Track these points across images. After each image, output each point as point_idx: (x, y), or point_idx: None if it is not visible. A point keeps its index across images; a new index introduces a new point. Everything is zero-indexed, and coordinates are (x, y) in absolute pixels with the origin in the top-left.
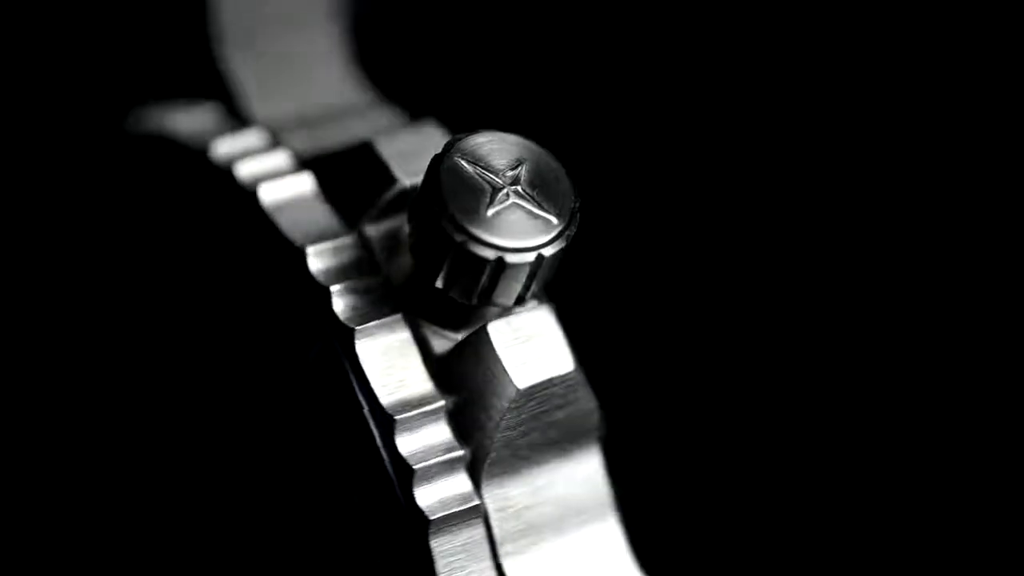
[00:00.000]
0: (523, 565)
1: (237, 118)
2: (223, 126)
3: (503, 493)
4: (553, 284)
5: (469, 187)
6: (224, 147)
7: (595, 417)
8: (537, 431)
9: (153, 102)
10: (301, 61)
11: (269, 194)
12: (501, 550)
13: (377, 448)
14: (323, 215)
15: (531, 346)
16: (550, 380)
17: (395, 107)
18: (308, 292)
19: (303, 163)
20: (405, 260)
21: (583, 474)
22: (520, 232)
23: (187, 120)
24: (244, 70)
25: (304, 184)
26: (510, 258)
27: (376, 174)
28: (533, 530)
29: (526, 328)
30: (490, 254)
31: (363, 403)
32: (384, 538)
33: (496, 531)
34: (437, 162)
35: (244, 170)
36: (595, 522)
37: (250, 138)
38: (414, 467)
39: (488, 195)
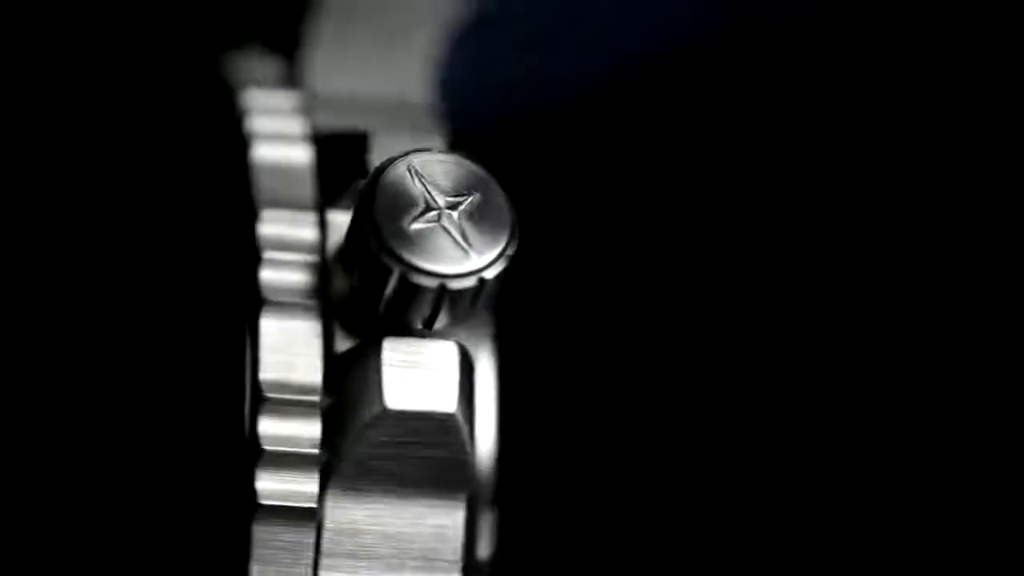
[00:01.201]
0: None
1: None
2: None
3: (346, 510)
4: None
5: (403, 199)
6: (252, 98)
7: (466, 471)
8: (396, 461)
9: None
10: (385, 47)
11: (262, 152)
12: (322, 563)
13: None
14: (300, 188)
15: (419, 374)
16: (424, 414)
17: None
18: (247, 253)
19: (318, 138)
20: None
21: (437, 523)
22: (434, 256)
23: (253, 67)
24: (329, 36)
25: (298, 155)
26: (414, 278)
27: (357, 163)
28: (363, 558)
29: (423, 356)
30: (396, 268)
31: (247, 374)
32: (211, 519)
33: (325, 544)
34: (384, 166)
35: (255, 123)
36: (433, 574)
37: (280, 99)
38: (264, 448)
39: (418, 211)
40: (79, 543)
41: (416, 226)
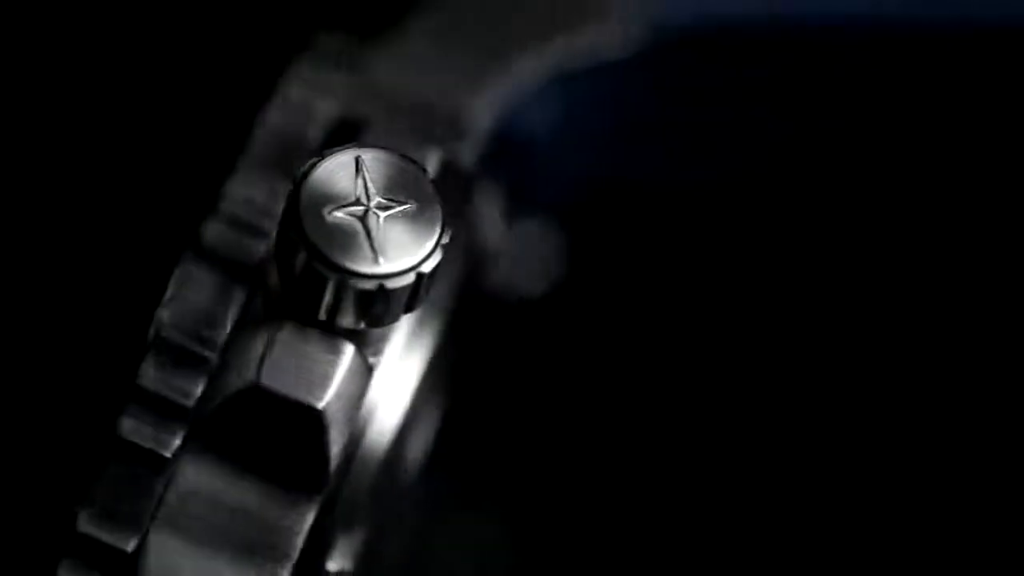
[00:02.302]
0: (165, 543)
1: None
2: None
3: (197, 472)
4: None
5: (337, 187)
6: (303, 69)
7: (325, 472)
8: (257, 441)
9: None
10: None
11: (274, 115)
12: (159, 515)
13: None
14: (291, 154)
15: (303, 363)
16: (292, 401)
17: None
18: (207, 202)
19: (346, 121)
20: None
21: (281, 516)
22: (342, 250)
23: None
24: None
25: (309, 129)
26: (317, 265)
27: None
28: (197, 524)
29: (313, 347)
30: (302, 252)
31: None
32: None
33: (168, 497)
34: (335, 151)
35: (290, 91)
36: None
37: (330, 81)
38: (139, 384)
39: (345, 203)
40: None
41: (337, 216)
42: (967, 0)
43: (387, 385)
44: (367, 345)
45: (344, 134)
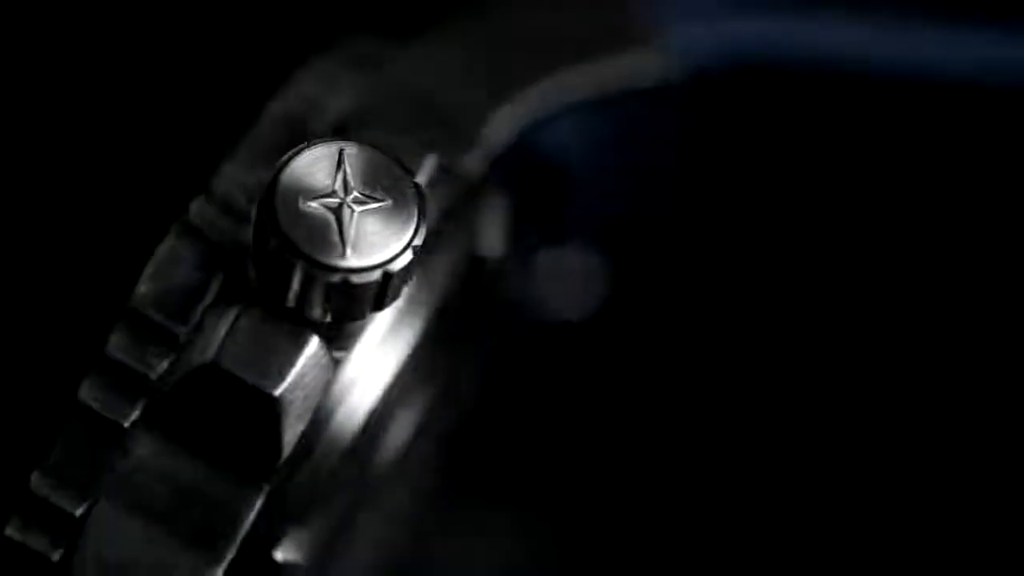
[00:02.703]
0: (109, 513)
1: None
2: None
3: (149, 446)
4: None
5: (315, 177)
6: (320, 64)
7: (275, 461)
8: (210, 421)
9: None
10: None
11: (281, 105)
12: (107, 483)
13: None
14: (292, 145)
15: (264, 349)
16: (247, 385)
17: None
18: (199, 182)
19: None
20: None
21: (228, 501)
22: (311, 239)
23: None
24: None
25: (316, 122)
26: (285, 252)
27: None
28: (143, 499)
29: (277, 334)
30: (272, 238)
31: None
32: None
33: (118, 467)
34: (319, 141)
35: (302, 84)
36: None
37: (346, 78)
38: (105, 351)
39: (320, 193)
40: None
41: (311, 206)
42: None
43: (358, 381)
44: (338, 339)
45: (350, 130)
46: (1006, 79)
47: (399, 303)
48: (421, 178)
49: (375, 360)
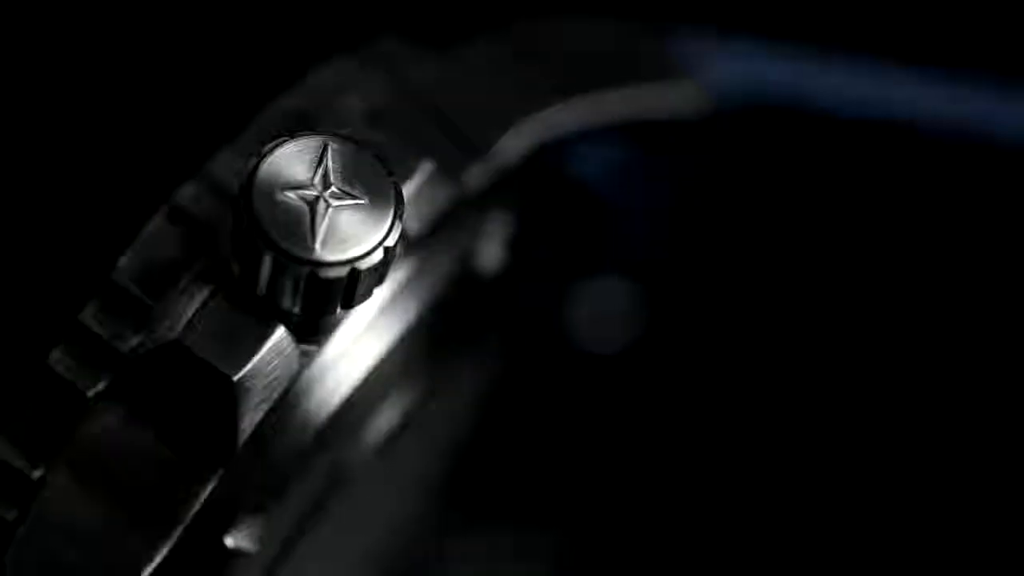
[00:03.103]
0: (62, 482)
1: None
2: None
3: (108, 419)
4: None
5: (295, 168)
6: (341, 63)
7: (231, 446)
8: (171, 400)
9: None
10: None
11: (291, 98)
12: (64, 452)
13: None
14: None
15: (230, 333)
16: (208, 366)
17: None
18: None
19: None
20: None
21: (180, 482)
22: (280, 229)
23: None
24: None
25: (324, 117)
26: (255, 240)
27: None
28: (98, 473)
29: (244, 322)
30: (246, 225)
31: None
32: None
33: (77, 436)
34: (306, 132)
35: (317, 79)
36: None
37: (364, 77)
38: (79, 318)
39: (297, 184)
40: None
41: (287, 196)
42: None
43: (331, 375)
44: (310, 333)
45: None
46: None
47: (383, 301)
48: (413, 182)
49: (352, 356)
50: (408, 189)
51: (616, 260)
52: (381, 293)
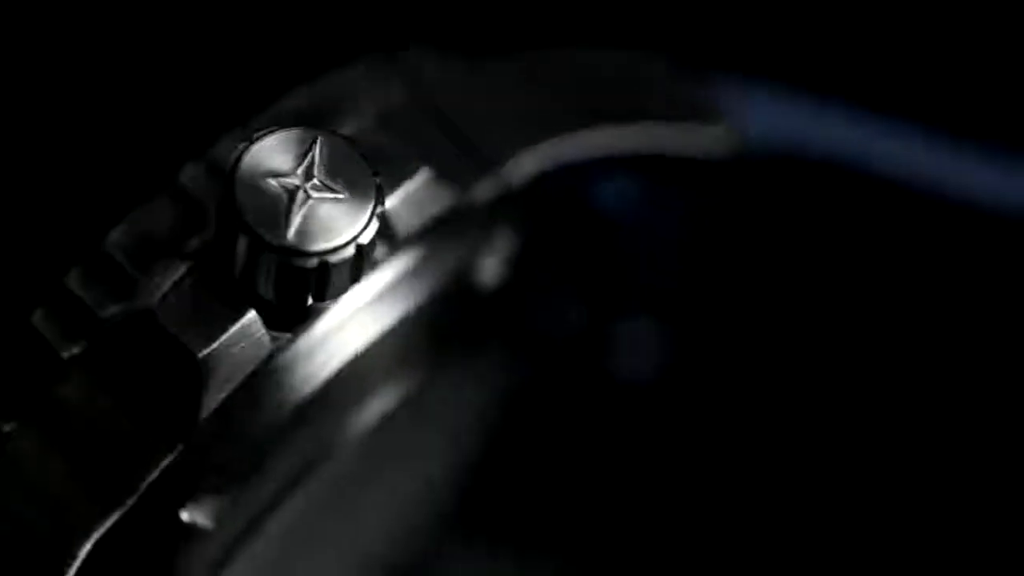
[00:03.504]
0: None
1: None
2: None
3: (79, 386)
4: None
5: (281, 158)
6: (361, 67)
7: (193, 422)
8: (140, 370)
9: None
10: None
11: (302, 96)
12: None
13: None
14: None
15: (200, 310)
16: (176, 341)
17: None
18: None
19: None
20: None
21: (142, 451)
22: (257, 215)
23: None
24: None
25: (332, 117)
26: (232, 226)
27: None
28: (64, 435)
29: (217, 301)
30: (227, 211)
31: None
32: None
33: (48, 398)
34: (298, 126)
35: (331, 82)
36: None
37: (383, 83)
38: (63, 281)
39: (279, 173)
40: None
41: (268, 183)
42: None
43: (301, 367)
44: (286, 321)
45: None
46: None
47: (367, 298)
48: (405, 185)
49: (326, 348)
50: (400, 191)
51: (633, 289)
52: (364, 290)
